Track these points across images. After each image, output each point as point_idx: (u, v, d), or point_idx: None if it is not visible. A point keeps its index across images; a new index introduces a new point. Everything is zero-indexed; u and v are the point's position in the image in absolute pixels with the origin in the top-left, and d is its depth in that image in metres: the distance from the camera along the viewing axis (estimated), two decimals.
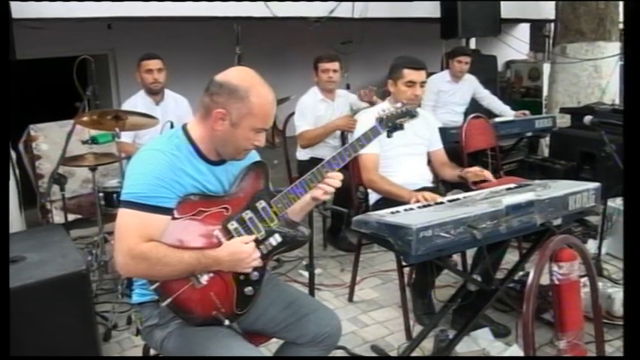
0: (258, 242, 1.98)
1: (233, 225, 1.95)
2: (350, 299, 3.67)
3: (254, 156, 2.15)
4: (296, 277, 3.97)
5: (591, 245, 4.03)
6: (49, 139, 4.99)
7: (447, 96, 5.49)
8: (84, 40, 6.13)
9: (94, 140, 3.68)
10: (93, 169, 3.70)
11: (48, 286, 2.50)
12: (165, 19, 5.17)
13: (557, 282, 2.40)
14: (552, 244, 2.35)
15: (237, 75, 1.93)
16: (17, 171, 4.29)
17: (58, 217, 4.73)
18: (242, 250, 1.89)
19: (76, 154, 3.92)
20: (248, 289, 1.99)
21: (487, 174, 3.25)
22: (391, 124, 2.30)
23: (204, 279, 1.90)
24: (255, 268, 1.97)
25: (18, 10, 3.74)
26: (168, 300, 1.87)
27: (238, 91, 1.88)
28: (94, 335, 2.72)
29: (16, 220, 4.22)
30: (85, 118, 3.51)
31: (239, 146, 1.96)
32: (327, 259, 4.34)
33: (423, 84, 3.36)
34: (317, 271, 3.98)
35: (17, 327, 2.37)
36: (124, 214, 1.84)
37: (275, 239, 2.03)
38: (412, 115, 2.35)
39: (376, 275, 4.01)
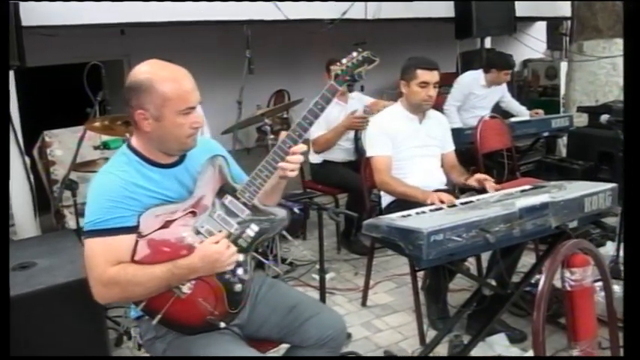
0: (235, 237, 1.94)
1: (203, 227, 1.91)
2: (363, 304, 3.63)
3: (214, 149, 2.09)
4: (309, 280, 3.94)
5: (610, 247, 3.94)
6: (63, 145, 5.01)
7: (477, 100, 5.42)
8: (99, 46, 6.18)
9: (105, 145, 3.68)
10: None
11: (57, 292, 2.50)
12: (177, 24, 5.17)
13: (569, 288, 2.32)
14: (564, 249, 2.28)
15: (137, 71, 1.88)
16: (32, 177, 4.31)
17: (72, 222, 4.74)
18: (214, 251, 1.84)
19: (88, 159, 3.93)
20: (237, 287, 1.94)
21: (488, 185, 3.14)
22: (349, 77, 2.08)
23: (188, 286, 1.86)
24: (239, 264, 1.93)
25: (29, 18, 3.75)
26: (158, 316, 1.85)
27: (143, 85, 1.83)
28: (104, 340, 2.72)
29: (30, 226, 4.26)
30: (97, 124, 3.51)
31: (177, 135, 1.88)
32: (341, 263, 4.30)
33: (436, 84, 3.32)
34: (330, 274, 3.98)
35: (27, 332, 2.38)
36: (88, 244, 1.82)
37: (252, 230, 1.97)
38: (371, 60, 2.11)
39: (390, 279, 3.96)
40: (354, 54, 2.08)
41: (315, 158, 4.61)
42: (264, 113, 4.37)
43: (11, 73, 4.00)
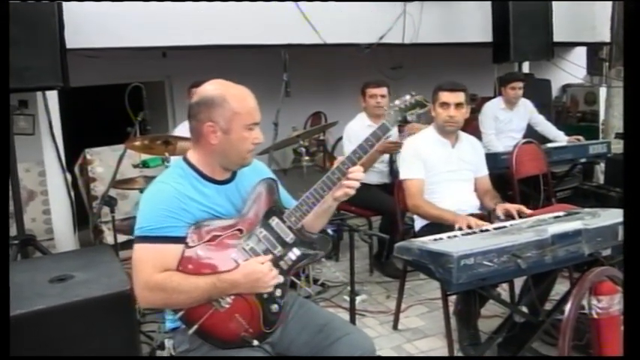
0: (276, 259, 2.00)
1: (248, 245, 1.99)
2: (395, 327, 3.61)
3: (264, 173, 2.18)
4: (340, 302, 3.94)
5: None
6: (104, 163, 5.16)
7: (504, 124, 5.40)
8: (140, 67, 6.34)
9: (144, 164, 3.78)
10: (143, 191, 3.78)
11: (93, 304, 2.54)
12: (217, 47, 5.29)
13: (596, 316, 2.30)
14: (591, 276, 2.26)
15: (207, 88, 2.00)
16: (72, 193, 4.44)
17: (110, 237, 4.86)
18: (258, 270, 1.92)
19: (128, 177, 4.04)
20: (274, 307, 2.00)
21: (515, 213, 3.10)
22: (400, 119, 2.23)
23: (227, 301, 1.92)
24: (277, 285, 1.99)
25: (73, 40, 3.89)
26: (195, 327, 1.90)
27: (215, 100, 1.95)
28: (137, 354, 2.76)
29: (69, 240, 4.38)
30: (137, 143, 3.61)
31: (240, 150, 2.00)
32: (373, 285, 4.29)
33: (458, 105, 3.33)
34: (362, 297, 3.98)
35: (61, 344, 2.43)
36: (138, 249, 1.91)
37: (294, 253, 2.04)
38: (422, 105, 2.25)
39: (422, 303, 3.93)
40: (407, 97, 2.23)
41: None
42: (300, 135, 4.42)
43: (55, 93, 4.16)
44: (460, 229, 2.87)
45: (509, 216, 3.09)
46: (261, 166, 2.23)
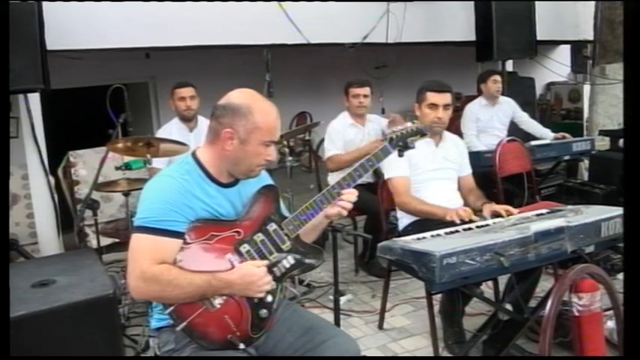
0: (271, 265, 2.02)
1: (245, 248, 2.00)
2: (380, 326, 3.60)
3: (265, 180, 2.20)
4: (326, 302, 3.93)
5: None
6: (88, 165, 5.13)
7: (486, 122, 5.42)
8: (124, 69, 6.32)
9: (127, 166, 3.76)
10: (126, 194, 3.76)
11: (75, 309, 2.53)
12: (200, 48, 5.27)
13: (577, 313, 2.32)
14: (572, 273, 2.28)
15: (239, 95, 2.01)
16: (56, 196, 4.40)
17: (95, 240, 4.83)
18: (253, 273, 1.93)
19: (111, 179, 4.02)
20: (263, 312, 2.00)
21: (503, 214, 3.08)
22: (402, 144, 2.34)
23: (218, 302, 1.92)
24: (269, 291, 2.00)
25: (54, 42, 3.86)
26: (183, 324, 1.89)
27: (241, 109, 1.96)
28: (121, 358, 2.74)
29: (54, 244, 4.34)
30: (119, 145, 3.59)
31: (251, 163, 2.01)
32: (359, 285, 4.29)
33: (446, 107, 3.34)
34: (348, 297, 3.98)
35: (44, 349, 2.41)
36: (136, 239, 1.90)
37: (288, 261, 2.07)
38: (423, 133, 2.40)
39: (408, 302, 3.93)
40: (409, 124, 2.38)
41: (333, 180, 4.62)
42: (283, 135, 4.41)
43: (37, 95, 4.12)
44: (452, 222, 2.88)
45: (496, 217, 3.09)
46: (264, 174, 2.23)
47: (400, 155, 2.38)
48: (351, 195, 2.14)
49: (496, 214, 3.11)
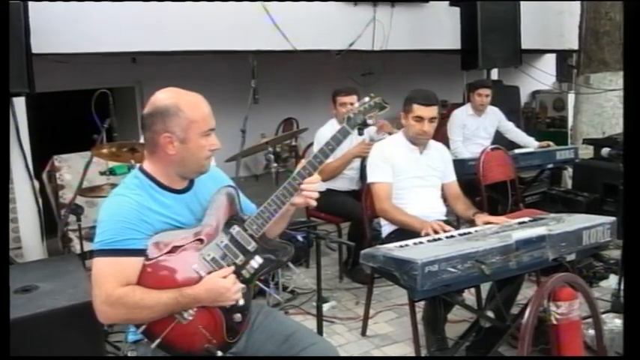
0: (238, 268, 1.99)
1: (210, 255, 1.96)
2: (363, 333, 3.61)
3: (223, 180, 2.16)
4: (310, 309, 3.93)
5: (612, 280, 3.93)
6: (73, 170, 5.10)
7: (472, 131, 5.46)
8: (110, 73, 6.29)
9: (111, 171, 3.74)
10: None
11: (57, 315, 2.52)
12: (187, 53, 5.27)
13: (555, 322, 2.33)
14: (550, 282, 2.30)
15: (162, 97, 1.96)
16: (40, 200, 4.37)
17: (78, 245, 4.80)
18: (220, 285, 1.90)
19: (96, 184, 4.00)
20: (237, 316, 1.99)
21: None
22: (360, 122, 2.24)
23: (190, 313, 1.90)
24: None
25: (40, 45, 3.85)
26: (158, 340, 1.88)
27: (170, 110, 1.92)
28: None
29: (37, 249, 4.31)
30: (104, 150, 3.58)
31: (199, 158, 1.98)
32: (343, 292, 4.30)
33: (432, 120, 3.35)
34: (331, 303, 3.98)
35: (26, 354, 2.39)
36: (97, 263, 1.86)
37: (256, 261, 2.02)
38: (382, 107, 2.28)
39: (391, 309, 3.95)
40: (366, 99, 2.23)
41: (322, 187, 4.63)
42: (268, 142, 4.42)
43: (22, 99, 4.10)
44: (427, 234, 2.89)
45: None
46: (220, 174, 2.20)
47: (360, 134, 2.33)
48: (313, 184, 2.09)
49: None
